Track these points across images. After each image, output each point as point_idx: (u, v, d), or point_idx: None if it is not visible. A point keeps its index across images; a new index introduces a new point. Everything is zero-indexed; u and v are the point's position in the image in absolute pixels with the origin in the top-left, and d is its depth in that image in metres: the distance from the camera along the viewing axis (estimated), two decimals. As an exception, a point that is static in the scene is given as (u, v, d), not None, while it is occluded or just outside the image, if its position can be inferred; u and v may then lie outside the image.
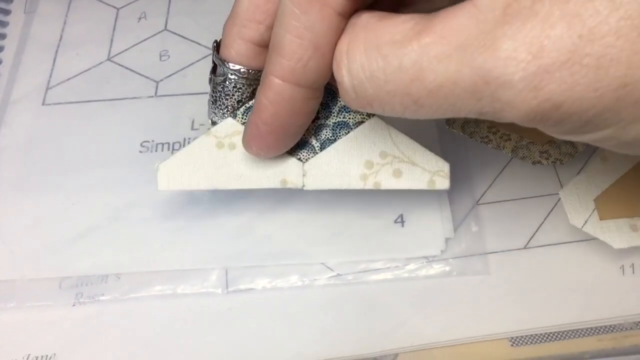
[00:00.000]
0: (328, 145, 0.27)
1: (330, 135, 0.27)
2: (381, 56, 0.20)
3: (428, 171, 0.26)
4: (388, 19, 0.20)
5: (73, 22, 0.40)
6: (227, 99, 0.26)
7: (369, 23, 0.20)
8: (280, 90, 0.23)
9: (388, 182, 0.26)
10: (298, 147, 0.27)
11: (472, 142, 0.32)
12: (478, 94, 0.18)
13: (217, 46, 0.26)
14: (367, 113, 0.26)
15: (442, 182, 0.26)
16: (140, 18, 0.40)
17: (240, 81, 0.26)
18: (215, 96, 0.27)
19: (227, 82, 0.26)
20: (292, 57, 0.22)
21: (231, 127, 0.27)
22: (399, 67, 0.19)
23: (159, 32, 0.39)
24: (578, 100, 0.17)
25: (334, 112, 0.27)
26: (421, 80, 0.19)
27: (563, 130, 0.19)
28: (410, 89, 0.19)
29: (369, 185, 0.26)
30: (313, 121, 0.26)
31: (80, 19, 0.40)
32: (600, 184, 0.29)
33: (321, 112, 0.26)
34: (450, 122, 0.32)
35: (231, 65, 0.26)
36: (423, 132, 0.33)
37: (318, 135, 0.27)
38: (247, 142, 0.26)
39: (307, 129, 0.26)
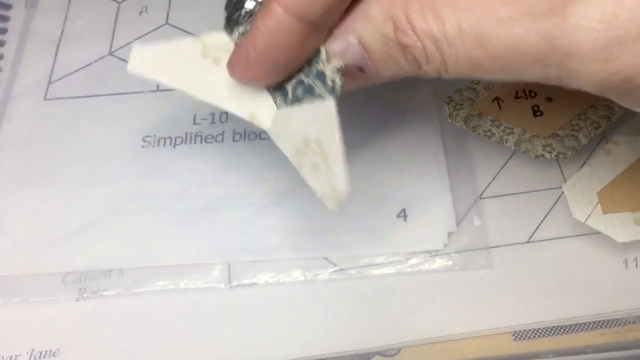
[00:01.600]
0: (295, 104, 0.24)
1: (301, 94, 0.24)
2: (440, 19, 0.18)
3: (331, 185, 0.23)
4: None
5: (74, 16, 0.40)
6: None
7: None
8: (280, 20, 0.21)
9: (307, 171, 0.24)
10: (277, 89, 0.25)
11: (474, 136, 0.32)
12: (544, 60, 0.17)
13: None
14: (329, 90, 0.23)
15: (333, 204, 0.23)
16: (141, 12, 0.39)
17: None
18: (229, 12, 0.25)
19: None
20: None
21: (222, 42, 0.25)
22: (458, 30, 0.18)
23: (160, 26, 0.39)
24: None
25: (312, 74, 0.24)
26: (484, 45, 0.18)
27: (634, 102, 0.18)
28: (472, 54, 0.18)
29: (299, 164, 0.24)
30: (298, 71, 0.24)
31: (82, 13, 0.40)
32: (604, 178, 0.29)
33: (306, 68, 0.24)
34: (452, 115, 0.32)
35: None
36: (424, 125, 0.33)
37: (295, 89, 0.24)
38: (232, 65, 0.24)
39: (291, 78, 0.24)
